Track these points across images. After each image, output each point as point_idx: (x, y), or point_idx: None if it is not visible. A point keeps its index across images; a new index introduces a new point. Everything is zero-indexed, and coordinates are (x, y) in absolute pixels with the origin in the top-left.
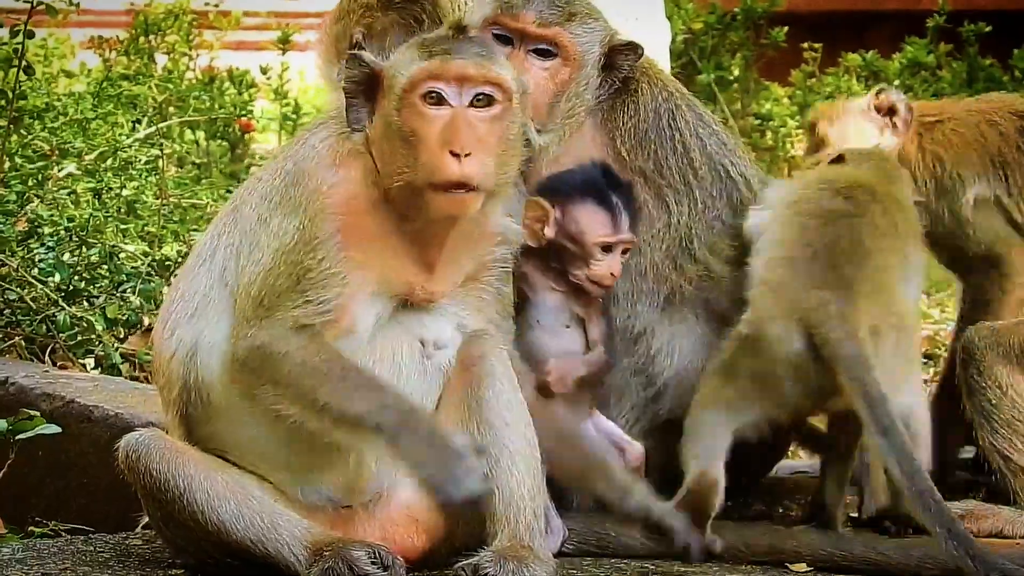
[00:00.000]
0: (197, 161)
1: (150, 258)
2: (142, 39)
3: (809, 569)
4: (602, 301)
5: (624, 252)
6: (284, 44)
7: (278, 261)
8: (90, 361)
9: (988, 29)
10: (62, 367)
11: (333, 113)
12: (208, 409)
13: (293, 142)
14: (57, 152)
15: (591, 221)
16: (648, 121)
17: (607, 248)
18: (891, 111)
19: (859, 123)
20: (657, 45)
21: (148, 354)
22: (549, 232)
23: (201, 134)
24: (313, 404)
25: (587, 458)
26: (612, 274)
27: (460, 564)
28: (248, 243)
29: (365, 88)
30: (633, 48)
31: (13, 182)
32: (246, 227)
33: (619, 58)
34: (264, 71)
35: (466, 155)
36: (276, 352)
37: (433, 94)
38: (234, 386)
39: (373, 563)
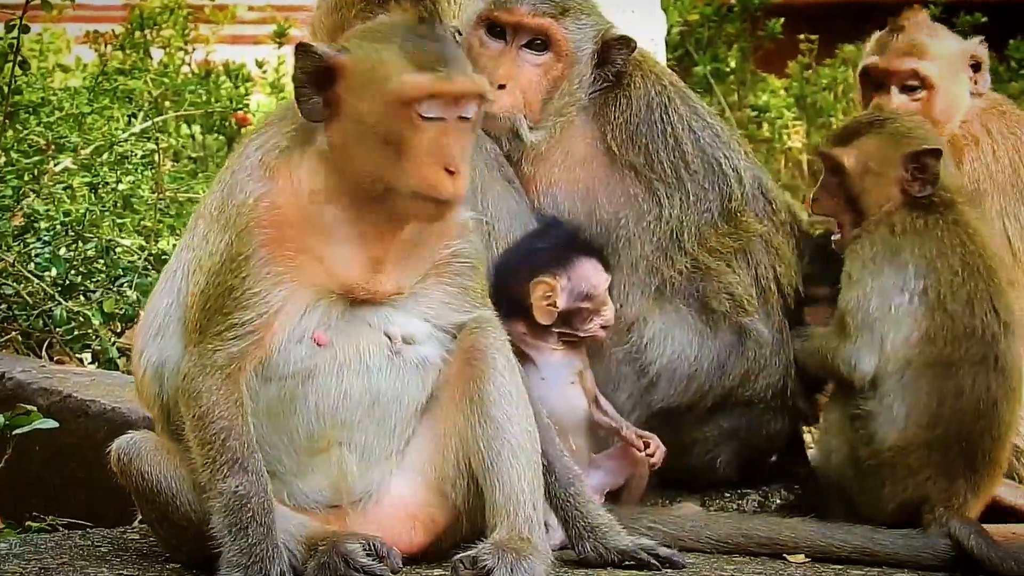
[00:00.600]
0: (193, 155)
1: (146, 252)
2: (138, 33)
3: (807, 560)
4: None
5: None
6: (280, 38)
7: (210, 282)
8: (87, 356)
9: (984, 20)
10: (59, 362)
11: (274, 116)
12: (182, 425)
13: (237, 148)
14: (53, 147)
15: (595, 272)
16: (640, 115)
17: (609, 291)
18: (976, 67)
19: (958, 71)
20: (653, 36)
21: None
22: (562, 303)
23: (197, 128)
24: (199, 455)
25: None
26: (612, 312)
27: (458, 556)
28: (195, 261)
29: (317, 80)
30: (626, 42)
31: (9, 177)
32: (196, 244)
33: (612, 53)
34: (260, 65)
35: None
36: (194, 388)
37: (431, 110)
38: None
39: (368, 555)
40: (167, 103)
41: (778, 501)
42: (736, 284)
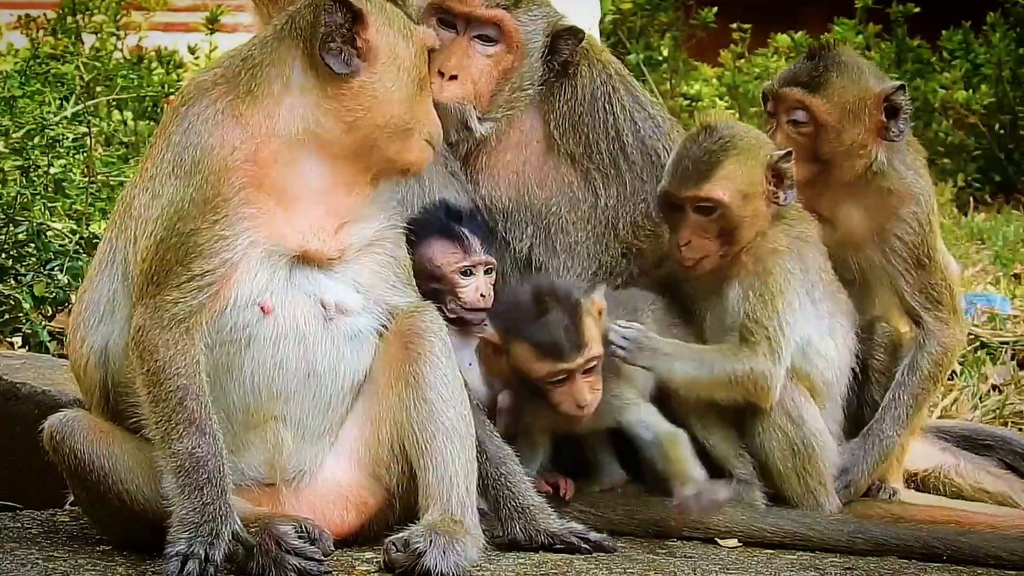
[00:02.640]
0: (125, 140)
1: (78, 236)
2: (69, 19)
3: (739, 544)
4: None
5: (487, 272)
6: (212, 24)
7: (172, 230)
8: (17, 339)
9: (917, 10)
10: None
11: (208, 80)
12: (128, 401)
13: (172, 117)
14: None
15: (443, 253)
16: (584, 104)
17: (467, 273)
18: (891, 112)
19: (858, 113)
20: (587, 23)
21: None
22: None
23: (129, 114)
24: (152, 412)
25: None
26: (482, 295)
27: (390, 538)
28: (143, 223)
29: (346, 30)
30: (575, 33)
31: None
32: (138, 213)
33: (561, 43)
34: (192, 51)
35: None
36: (150, 342)
37: None
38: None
39: (300, 537)
40: (99, 88)
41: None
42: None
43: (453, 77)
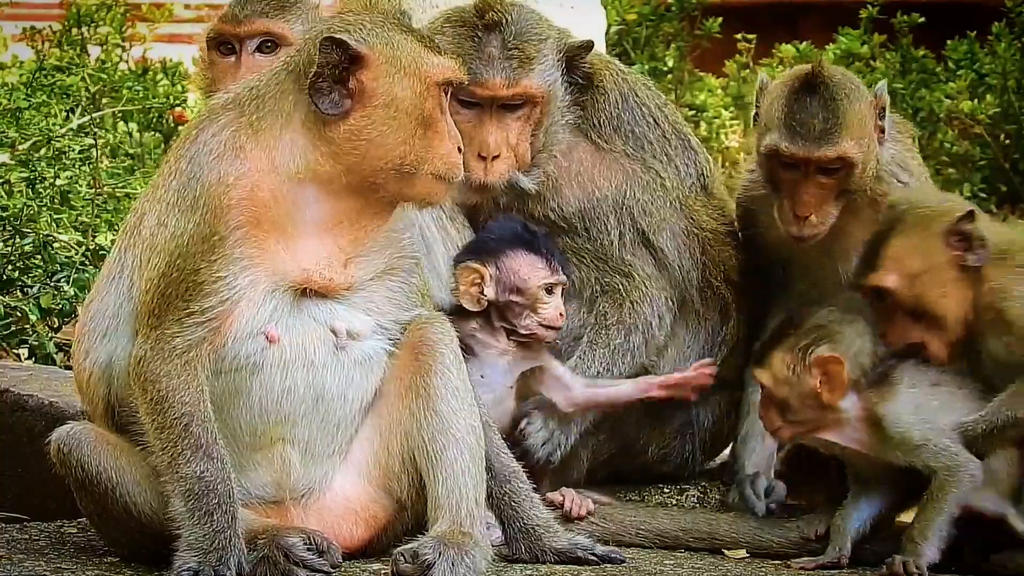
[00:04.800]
0: (131, 152)
1: (84, 247)
2: (75, 31)
3: (747, 555)
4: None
5: (562, 294)
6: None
7: (173, 266)
8: (24, 351)
9: (921, 20)
10: None
11: (219, 105)
12: (132, 417)
13: (185, 138)
14: None
15: (530, 268)
16: (619, 106)
17: (549, 290)
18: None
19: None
20: (592, 34)
21: None
22: (489, 292)
23: (134, 125)
24: (157, 439)
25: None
26: (560, 314)
27: (399, 550)
28: (149, 250)
29: (336, 72)
30: (584, 47)
31: None
32: (147, 235)
33: (575, 61)
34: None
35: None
36: (151, 372)
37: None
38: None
39: (309, 549)
40: (104, 100)
41: (717, 497)
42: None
43: (496, 157)
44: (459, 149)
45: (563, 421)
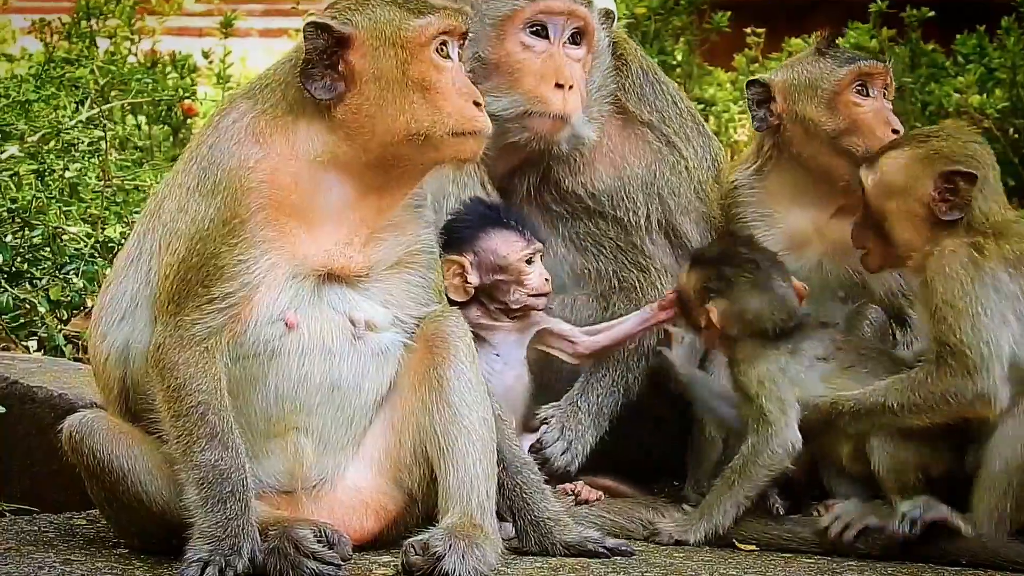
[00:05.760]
0: (140, 144)
1: (93, 240)
2: (84, 23)
3: (756, 549)
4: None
5: (541, 258)
6: (227, 29)
7: (193, 251)
8: (33, 343)
9: (931, 14)
10: (4, 348)
11: (240, 92)
12: (146, 403)
13: (205, 126)
14: None
15: (506, 244)
16: (641, 78)
17: (529, 261)
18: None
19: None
20: None
21: None
22: (473, 279)
23: (143, 118)
24: (173, 427)
25: None
26: (545, 279)
27: (409, 541)
28: (168, 235)
29: (325, 57)
30: (609, 16)
31: None
32: (167, 220)
33: (605, 24)
34: (206, 55)
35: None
36: (170, 360)
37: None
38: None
39: (319, 541)
40: (113, 92)
41: None
42: None
43: (571, 87)
44: (476, 103)
45: (580, 430)
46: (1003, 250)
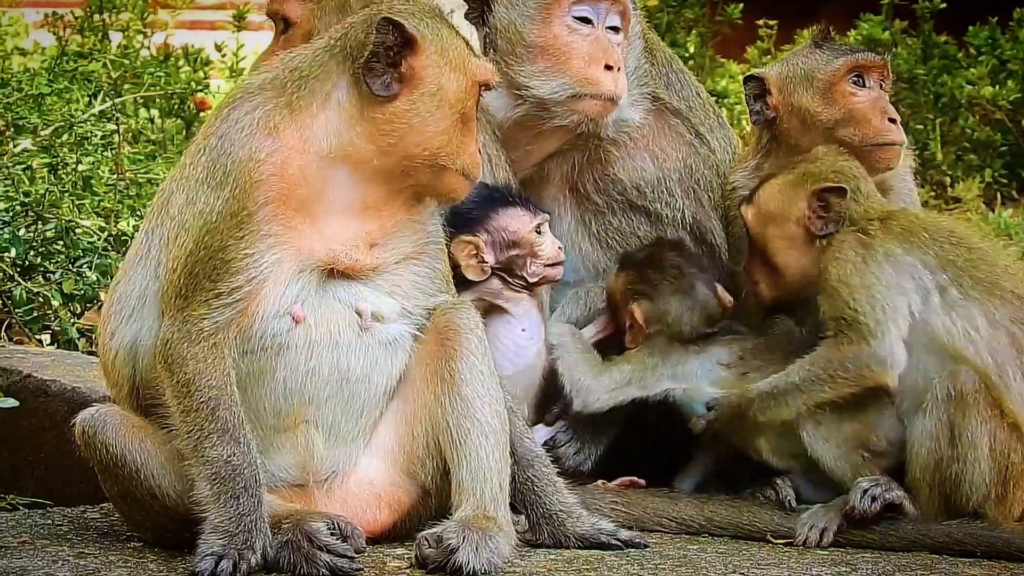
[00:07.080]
0: (152, 138)
1: (106, 233)
2: (96, 17)
3: (772, 541)
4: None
5: (550, 228)
6: (239, 22)
7: (200, 244)
8: (46, 336)
9: (943, 6)
10: (18, 342)
11: (255, 84)
12: (157, 400)
13: (214, 118)
14: (12, 128)
15: (515, 219)
16: (666, 66)
17: (539, 231)
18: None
19: None
20: None
21: None
22: (489, 258)
23: (156, 111)
24: (183, 423)
25: None
26: (558, 248)
27: (423, 534)
28: (176, 228)
29: (393, 53)
30: (636, 2)
31: None
32: (175, 213)
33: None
34: (219, 48)
35: None
36: (178, 355)
37: None
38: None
39: (332, 534)
40: (126, 86)
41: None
42: None
43: (619, 68)
44: (479, 150)
45: (594, 430)
46: (890, 228)
